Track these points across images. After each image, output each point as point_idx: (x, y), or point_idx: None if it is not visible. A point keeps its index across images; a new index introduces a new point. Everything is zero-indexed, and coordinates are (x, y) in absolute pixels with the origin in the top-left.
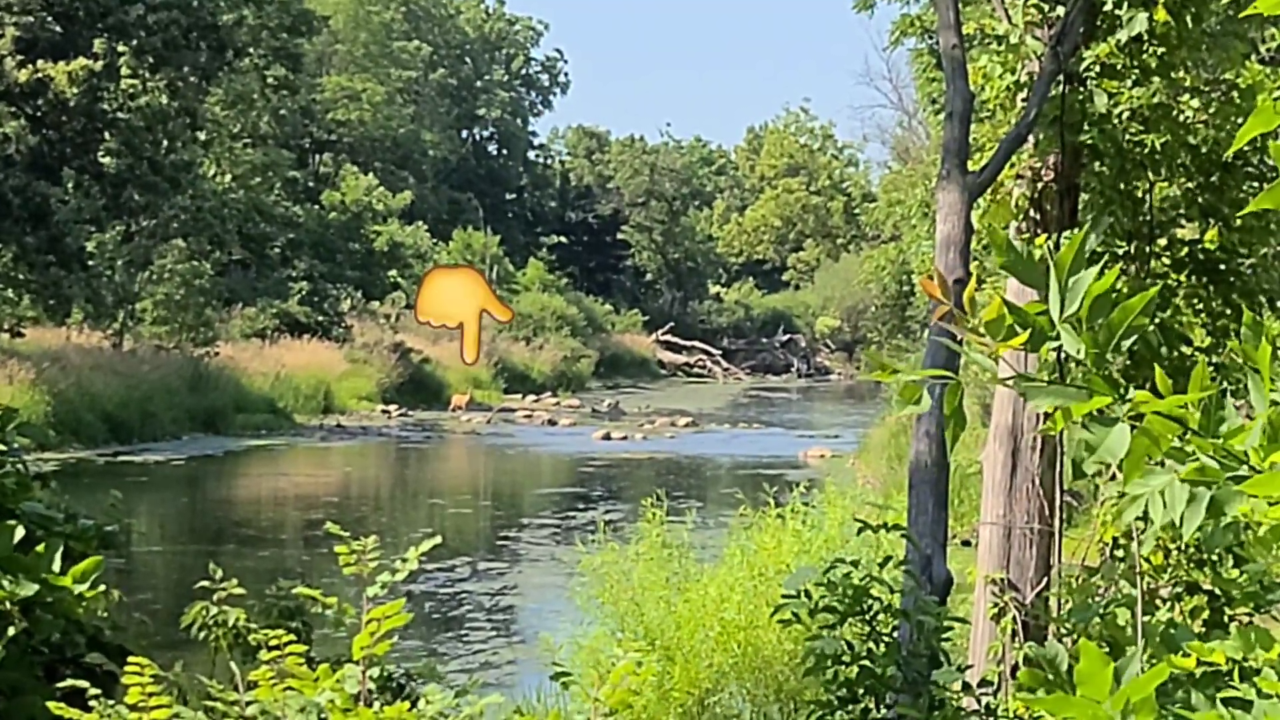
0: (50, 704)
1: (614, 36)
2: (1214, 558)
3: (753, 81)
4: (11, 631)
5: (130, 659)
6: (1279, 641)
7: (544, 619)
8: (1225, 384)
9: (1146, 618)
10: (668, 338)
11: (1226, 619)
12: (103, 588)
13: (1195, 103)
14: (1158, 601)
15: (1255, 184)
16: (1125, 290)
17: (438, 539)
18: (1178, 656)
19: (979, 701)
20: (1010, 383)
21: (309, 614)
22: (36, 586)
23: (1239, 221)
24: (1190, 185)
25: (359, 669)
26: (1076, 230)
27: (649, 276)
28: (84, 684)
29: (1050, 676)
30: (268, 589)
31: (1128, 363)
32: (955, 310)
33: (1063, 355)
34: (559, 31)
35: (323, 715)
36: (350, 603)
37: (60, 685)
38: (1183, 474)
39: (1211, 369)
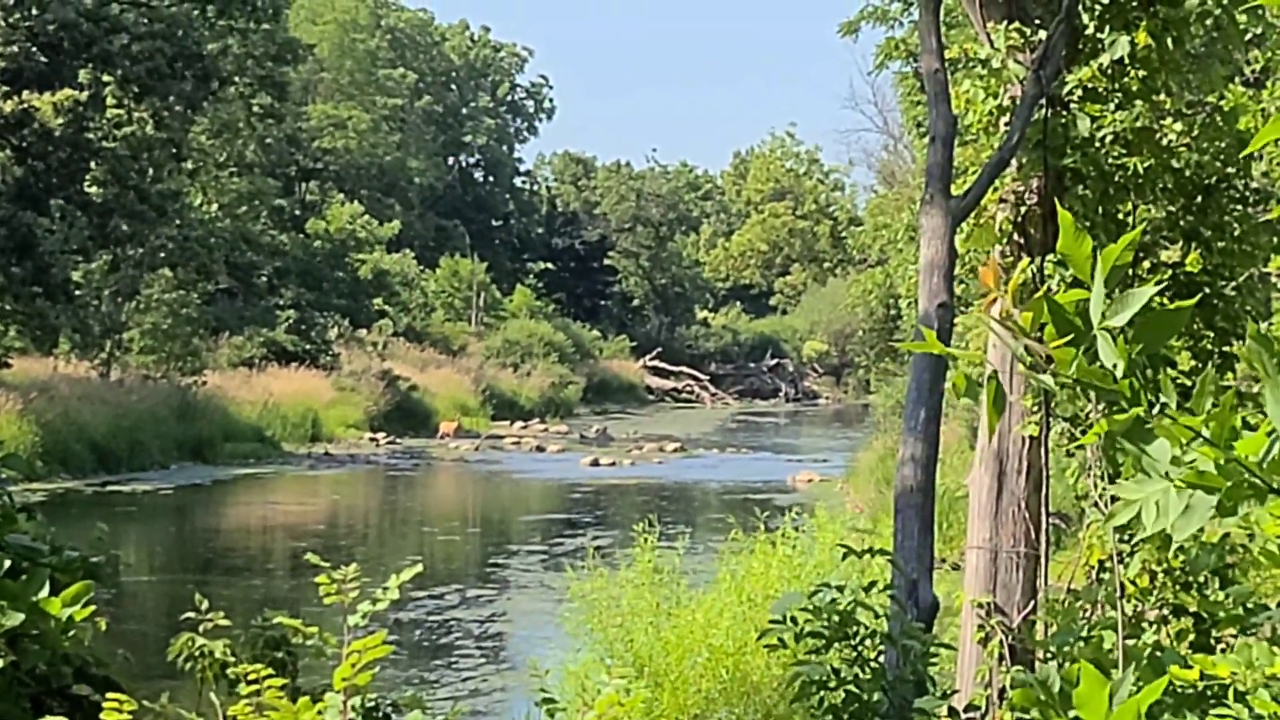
0: None
1: (599, 62)
2: (1200, 580)
3: (738, 106)
4: None
5: (110, 693)
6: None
7: (533, 646)
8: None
9: (1133, 640)
10: (655, 363)
11: (1213, 641)
12: (92, 609)
13: (1178, 126)
14: (1144, 624)
15: (1238, 207)
16: None
17: (419, 568)
18: (1178, 669)
19: None
20: (1051, 380)
21: (294, 644)
22: (22, 616)
23: (1221, 244)
24: (1173, 208)
25: (340, 699)
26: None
27: (636, 302)
28: None
29: (1043, 698)
30: (255, 619)
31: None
32: (1002, 303)
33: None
34: (544, 57)
35: None
36: (339, 631)
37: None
38: (1181, 478)
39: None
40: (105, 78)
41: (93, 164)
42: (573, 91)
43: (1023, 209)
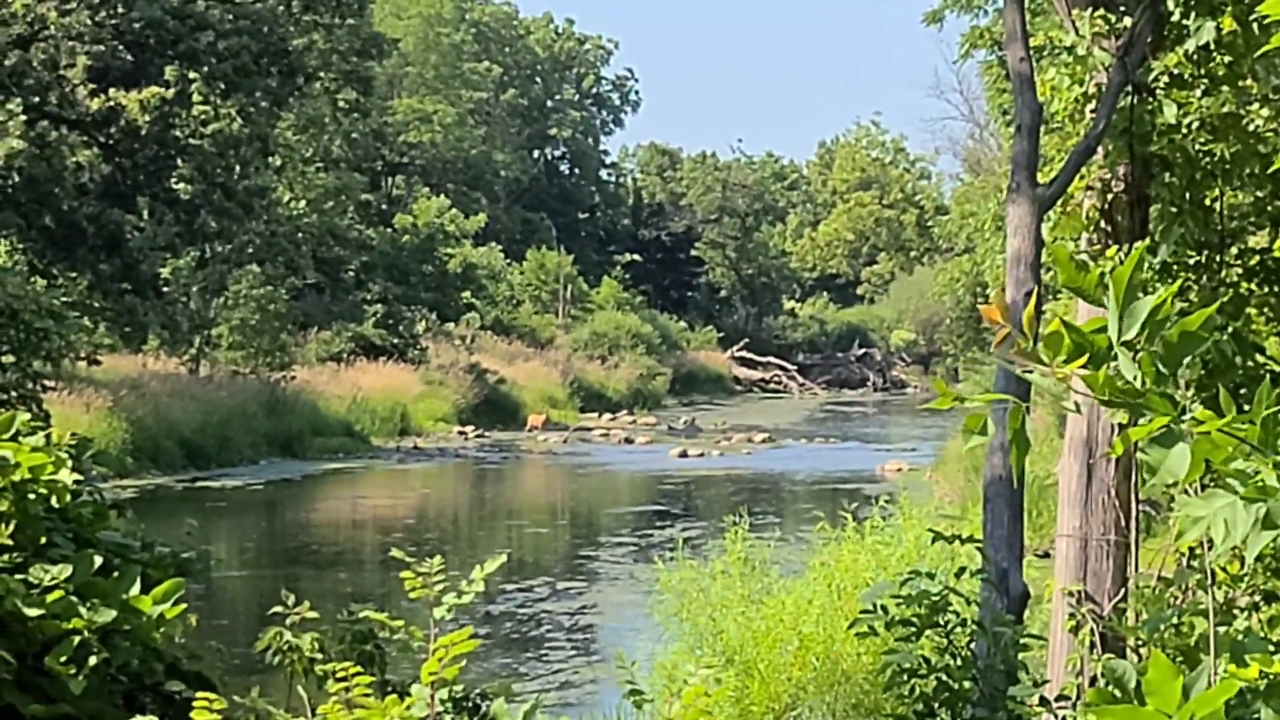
0: None
1: (685, 52)
2: None
3: (823, 95)
4: (92, 660)
5: (200, 692)
6: None
7: (623, 637)
8: None
9: (1224, 627)
10: (743, 354)
11: None
12: (183, 607)
13: (1265, 111)
14: (1235, 611)
15: None
16: (1197, 301)
17: (503, 559)
18: (1235, 669)
19: (1057, 716)
20: (1077, 403)
21: (381, 638)
22: (115, 613)
23: None
24: (1260, 194)
25: (427, 693)
26: (1147, 241)
27: (723, 293)
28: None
29: (1118, 694)
30: (344, 612)
31: (1202, 372)
32: (1015, 332)
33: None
34: (629, 49)
35: None
36: (428, 624)
37: (136, 719)
38: (1244, 492)
39: None
40: (191, 75)
41: (180, 161)
42: (656, 91)
43: (1110, 196)
